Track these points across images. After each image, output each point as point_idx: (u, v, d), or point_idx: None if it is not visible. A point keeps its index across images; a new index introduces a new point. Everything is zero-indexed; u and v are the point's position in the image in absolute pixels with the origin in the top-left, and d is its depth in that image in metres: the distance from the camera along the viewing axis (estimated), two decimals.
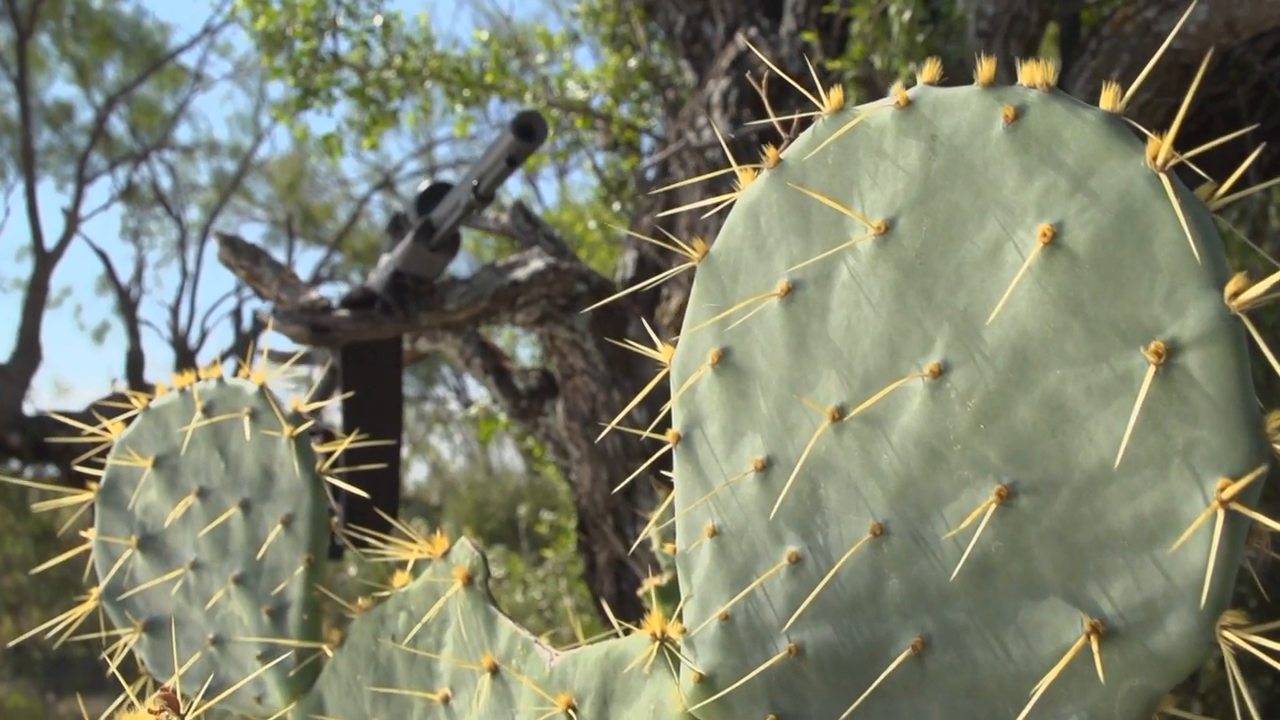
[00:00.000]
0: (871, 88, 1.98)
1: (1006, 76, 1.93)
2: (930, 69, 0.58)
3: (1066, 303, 0.53)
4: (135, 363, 11.29)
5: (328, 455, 0.99)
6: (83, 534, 1.11)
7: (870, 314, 0.60)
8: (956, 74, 1.97)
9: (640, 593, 1.14)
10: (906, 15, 1.82)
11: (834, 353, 0.62)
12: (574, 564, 4.21)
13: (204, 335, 17.10)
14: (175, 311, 12.67)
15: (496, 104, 2.89)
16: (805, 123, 0.68)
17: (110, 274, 11.81)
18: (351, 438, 1.81)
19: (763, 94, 0.71)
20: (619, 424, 1.96)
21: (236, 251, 1.72)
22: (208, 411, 1.04)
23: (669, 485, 1.80)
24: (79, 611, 1.06)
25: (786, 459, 0.64)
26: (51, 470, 9.70)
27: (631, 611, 1.90)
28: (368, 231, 15.20)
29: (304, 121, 2.88)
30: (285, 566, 0.99)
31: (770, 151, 0.64)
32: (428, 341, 2.05)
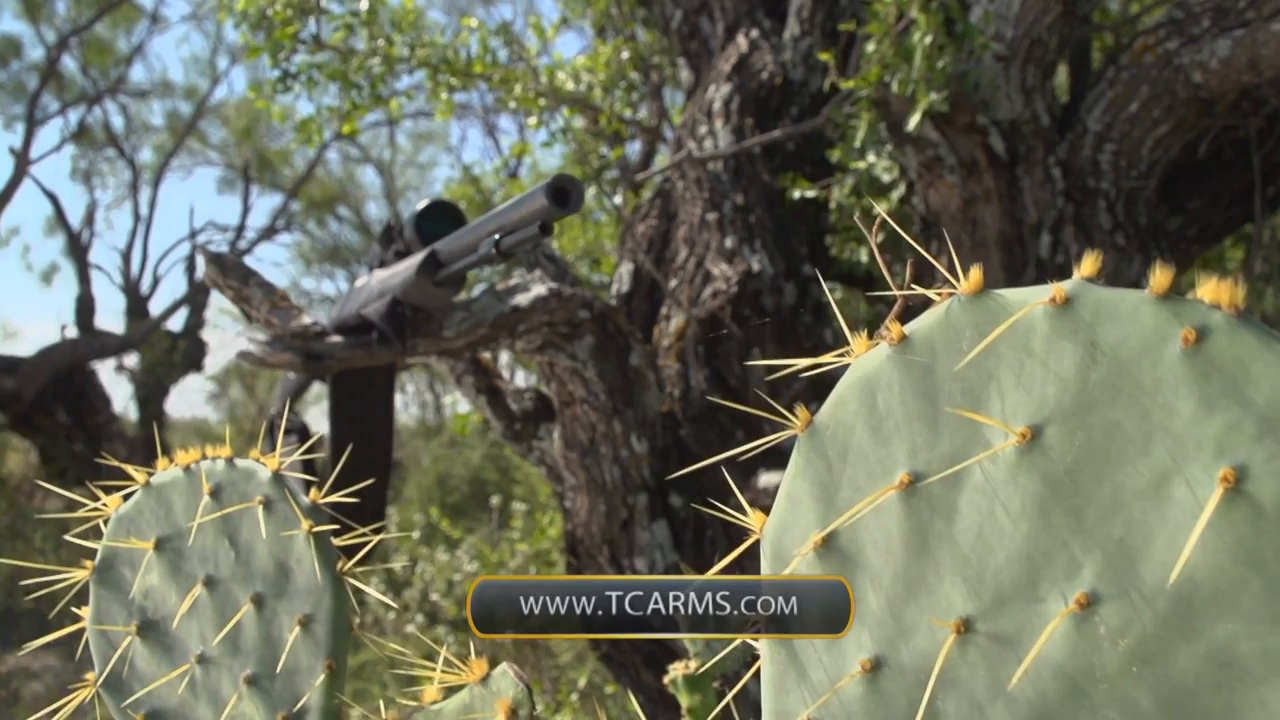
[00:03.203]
0: (885, 109, 1.92)
1: (1023, 101, 1.87)
2: (1091, 263, 0.52)
3: (1245, 555, 0.48)
4: (85, 308, 11.00)
5: (349, 551, 0.93)
6: (76, 611, 1.04)
7: (1007, 525, 0.55)
8: (972, 99, 1.91)
9: (666, 681, 1.09)
10: (929, 39, 1.76)
11: (960, 559, 0.56)
12: (540, 543, 4.17)
13: (156, 282, 16.74)
14: (127, 256, 12.32)
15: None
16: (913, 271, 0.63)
17: (60, 217, 11.44)
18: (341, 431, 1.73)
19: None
20: (617, 455, 1.91)
21: (224, 270, 1.63)
22: (215, 495, 0.97)
23: (668, 519, 1.73)
24: (77, 698, 0.99)
25: (899, 662, 0.59)
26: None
27: (626, 645, 1.86)
28: (325, 179, 14.91)
29: (282, 104, 2.75)
30: (303, 670, 0.92)
31: (894, 327, 0.58)
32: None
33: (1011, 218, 1.92)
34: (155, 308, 12.06)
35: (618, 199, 3.28)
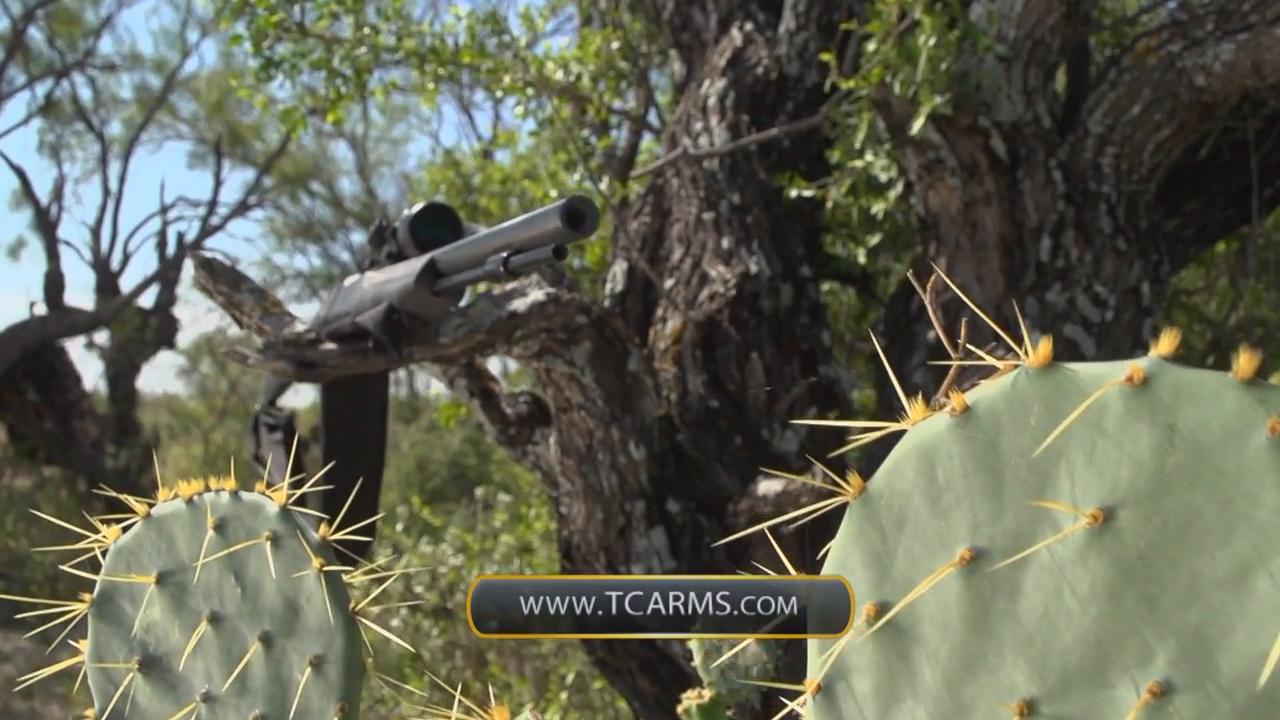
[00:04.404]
0: (886, 110, 1.90)
1: (1025, 103, 1.84)
2: (1169, 339, 0.50)
3: None
4: (54, 284, 10.81)
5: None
6: (73, 644, 1.01)
7: (1075, 608, 0.53)
8: (973, 100, 1.89)
9: (680, 710, 1.07)
10: (933, 41, 1.73)
11: (1024, 639, 0.55)
12: (527, 531, 4.15)
13: (126, 258, 16.52)
14: (96, 232, 12.11)
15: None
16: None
17: (28, 191, 11.22)
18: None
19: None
20: (615, 462, 1.88)
21: (214, 276, 1.59)
22: (220, 529, 0.94)
23: (665, 525, 1.70)
24: None
25: None
26: None
27: (622, 651, 1.84)
28: (297, 154, 14.71)
29: (267, 92, 2.68)
30: (314, 712, 0.90)
31: (956, 398, 0.56)
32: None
33: (1012, 220, 1.90)
34: (126, 284, 11.84)
35: (604, 185, 3.25)
